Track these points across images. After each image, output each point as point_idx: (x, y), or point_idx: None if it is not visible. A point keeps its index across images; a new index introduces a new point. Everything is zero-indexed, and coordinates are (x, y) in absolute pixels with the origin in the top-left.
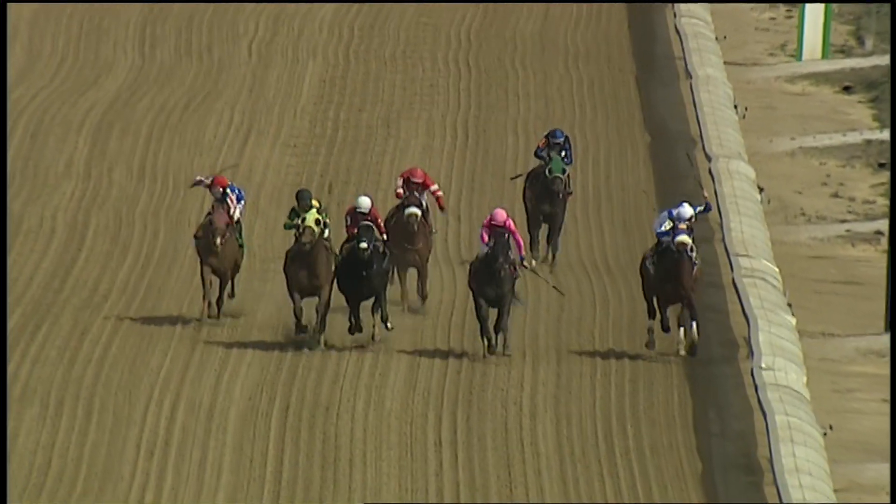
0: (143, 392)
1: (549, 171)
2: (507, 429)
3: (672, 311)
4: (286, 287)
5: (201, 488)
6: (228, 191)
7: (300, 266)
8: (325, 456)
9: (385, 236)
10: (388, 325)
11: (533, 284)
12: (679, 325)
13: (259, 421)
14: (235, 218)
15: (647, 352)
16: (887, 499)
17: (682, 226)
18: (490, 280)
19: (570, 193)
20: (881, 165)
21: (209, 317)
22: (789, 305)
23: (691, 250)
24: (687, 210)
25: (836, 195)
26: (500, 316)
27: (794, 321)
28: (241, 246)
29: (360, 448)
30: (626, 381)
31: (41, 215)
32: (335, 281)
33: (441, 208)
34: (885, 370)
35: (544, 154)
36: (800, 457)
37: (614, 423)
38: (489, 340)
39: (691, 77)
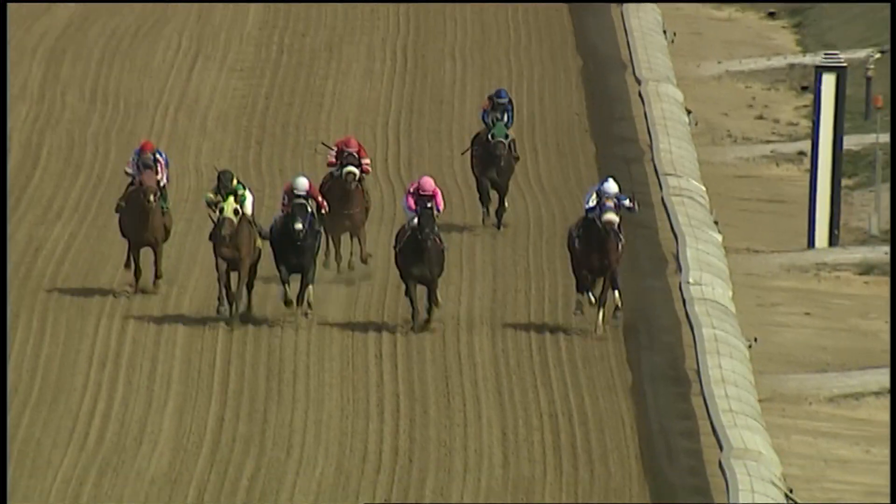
0: (95, 306)
1: (492, 136)
2: (445, 342)
3: (594, 287)
4: (214, 261)
5: (151, 398)
6: (157, 155)
7: (223, 245)
8: (270, 368)
9: (325, 207)
10: (310, 300)
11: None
12: (599, 307)
13: (206, 334)
14: (162, 183)
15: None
16: (808, 408)
17: (609, 202)
18: (418, 257)
19: (517, 159)
20: (804, 88)
21: (136, 290)
22: (716, 223)
23: (618, 228)
24: (612, 185)
25: (760, 117)
26: (430, 293)
27: (720, 238)
28: (164, 212)
29: (304, 360)
30: (559, 295)
31: None
32: (273, 253)
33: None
34: (807, 285)
35: (489, 119)
36: (726, 368)
37: (548, 335)
38: (416, 313)
39: (622, 3)
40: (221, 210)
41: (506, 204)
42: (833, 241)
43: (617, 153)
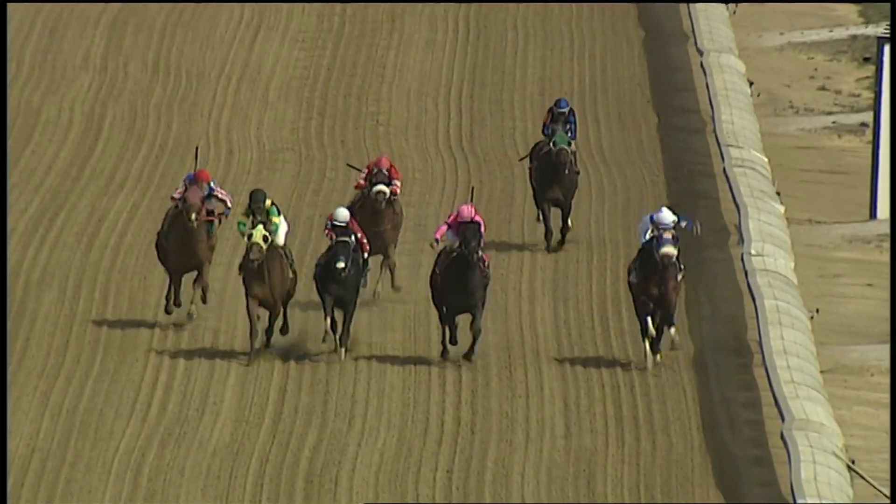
0: (158, 277)
1: (554, 144)
2: (507, 313)
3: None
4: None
5: (213, 369)
6: (213, 183)
7: (253, 278)
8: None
9: (367, 253)
10: (348, 343)
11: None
12: (655, 350)
13: None
14: (229, 205)
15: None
16: (870, 379)
17: (667, 234)
18: (462, 278)
19: (578, 173)
20: (866, 60)
21: (171, 312)
22: (778, 194)
23: (676, 259)
24: (666, 214)
25: (822, 88)
26: (473, 322)
27: (782, 209)
28: (210, 234)
29: (366, 331)
30: (620, 266)
31: (59, 107)
32: (316, 287)
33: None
34: (869, 256)
35: (549, 131)
36: (787, 339)
37: (610, 307)
38: (450, 343)
39: None
40: (250, 237)
41: (570, 223)
42: None
43: (678, 124)
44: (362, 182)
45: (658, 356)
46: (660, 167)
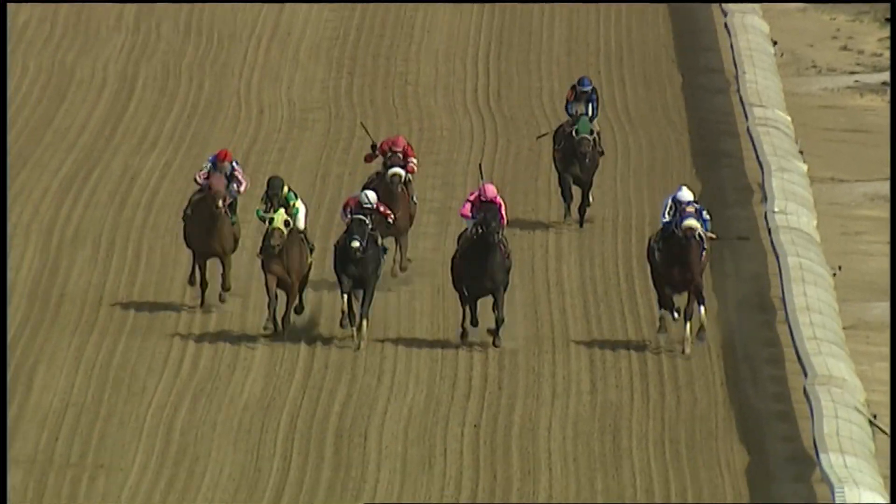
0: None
1: (576, 132)
2: (534, 270)
3: (680, 302)
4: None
5: (244, 325)
6: (234, 164)
7: (273, 263)
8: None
9: (391, 216)
10: (366, 322)
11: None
12: (685, 320)
13: None
14: (243, 188)
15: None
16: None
17: (690, 208)
18: (482, 260)
19: (602, 153)
20: (888, 20)
21: (202, 303)
22: (801, 152)
23: (700, 237)
24: (686, 193)
25: (845, 48)
26: (496, 303)
27: (805, 167)
28: (233, 223)
29: (395, 289)
30: (645, 224)
31: (93, 67)
32: (334, 269)
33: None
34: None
35: (573, 110)
36: (810, 296)
37: (635, 264)
38: (471, 325)
39: None
40: (271, 221)
41: (590, 198)
42: None
43: (703, 84)
44: (370, 156)
45: (689, 333)
46: (684, 126)
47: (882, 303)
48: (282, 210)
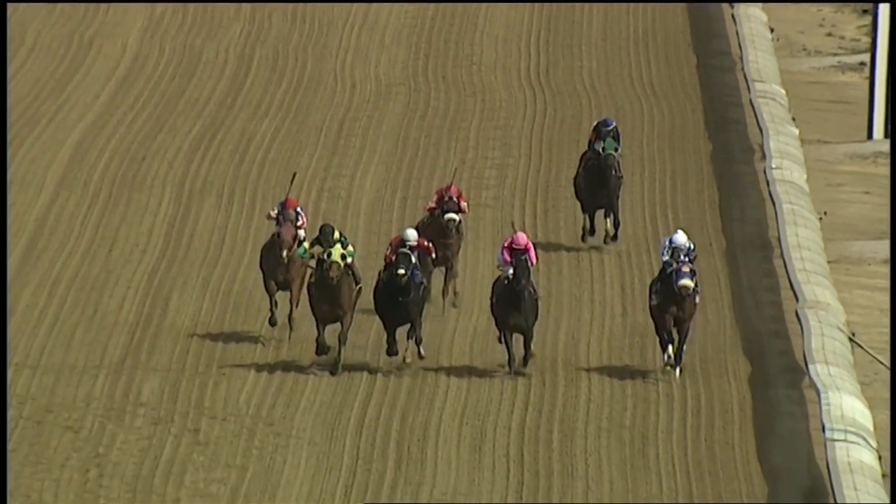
0: (295, 185)
1: (603, 150)
2: (576, 217)
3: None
4: (312, 314)
5: None
6: (299, 210)
7: (324, 295)
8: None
9: (432, 253)
10: (422, 350)
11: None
12: (676, 365)
13: (385, 207)
14: (301, 237)
15: (685, 159)
16: (868, 268)
17: (685, 268)
18: (514, 307)
19: (621, 178)
20: (865, 11)
21: (273, 322)
22: (793, 119)
23: (694, 291)
24: (681, 236)
25: (829, 34)
26: (526, 342)
27: (797, 131)
28: (303, 257)
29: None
30: (667, 177)
31: (216, 49)
32: (374, 306)
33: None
34: (867, 169)
35: (597, 146)
36: (801, 236)
37: (658, 210)
38: (512, 359)
39: None
40: (329, 255)
41: (619, 218)
42: (888, 133)
43: (714, 63)
44: (433, 205)
45: (678, 370)
46: (698, 98)
47: (859, 241)
48: (338, 245)
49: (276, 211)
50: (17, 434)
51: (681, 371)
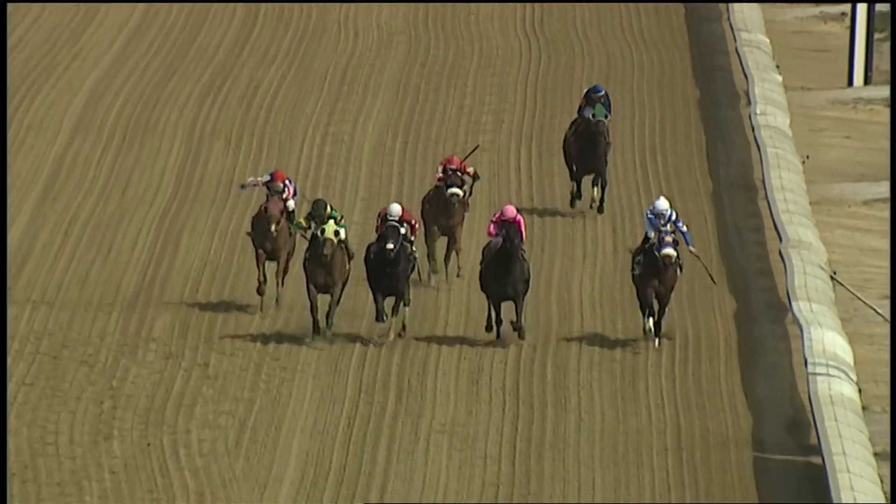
0: (301, 130)
1: (593, 116)
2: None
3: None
4: (305, 284)
5: (343, 201)
6: (287, 183)
7: (317, 267)
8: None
9: (414, 236)
10: (406, 321)
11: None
12: (656, 336)
13: (386, 151)
14: (291, 208)
15: (674, 104)
16: (847, 209)
17: (668, 238)
18: (504, 276)
19: (610, 144)
20: None
21: (261, 305)
22: (777, 67)
23: (676, 260)
24: (663, 202)
25: None
26: (517, 310)
27: (780, 78)
28: (291, 234)
29: None
30: (656, 122)
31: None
32: (367, 276)
33: (477, 177)
34: (847, 115)
35: (587, 112)
36: (784, 178)
37: (647, 153)
38: (499, 328)
39: None
40: (323, 231)
41: (606, 180)
42: (867, 80)
43: (701, 13)
44: (441, 176)
45: (658, 340)
46: (686, 47)
47: (840, 184)
48: (332, 221)
49: (262, 178)
50: (34, 368)
51: (659, 341)
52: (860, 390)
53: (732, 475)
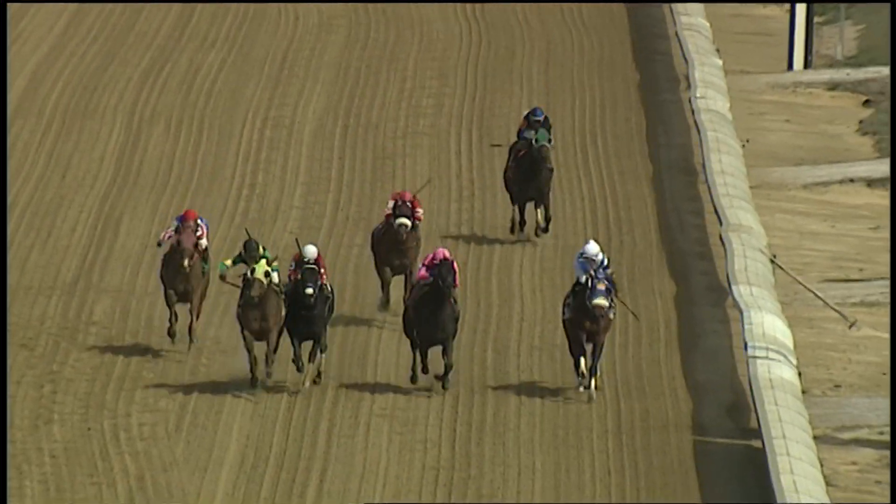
0: (241, 114)
1: (536, 141)
2: (510, 142)
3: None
4: (240, 332)
5: (284, 185)
6: (199, 221)
7: (250, 312)
8: (375, 171)
9: (324, 279)
10: (323, 364)
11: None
12: (590, 375)
13: (326, 135)
14: (204, 246)
15: (614, 88)
16: (788, 192)
17: (601, 285)
18: (433, 318)
19: (552, 169)
20: None
21: (172, 339)
22: (717, 50)
23: (608, 310)
24: (592, 246)
25: None
26: (445, 352)
27: (720, 62)
28: (204, 273)
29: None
30: (596, 105)
31: None
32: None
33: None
34: (787, 98)
35: (527, 135)
36: (724, 162)
37: (588, 136)
38: (422, 372)
39: None
40: (253, 271)
41: (550, 213)
42: (807, 64)
43: None
44: (389, 212)
45: (594, 386)
46: (626, 30)
47: (780, 168)
48: (263, 261)
49: (171, 228)
50: None
51: (596, 388)
52: (800, 374)
53: (672, 458)
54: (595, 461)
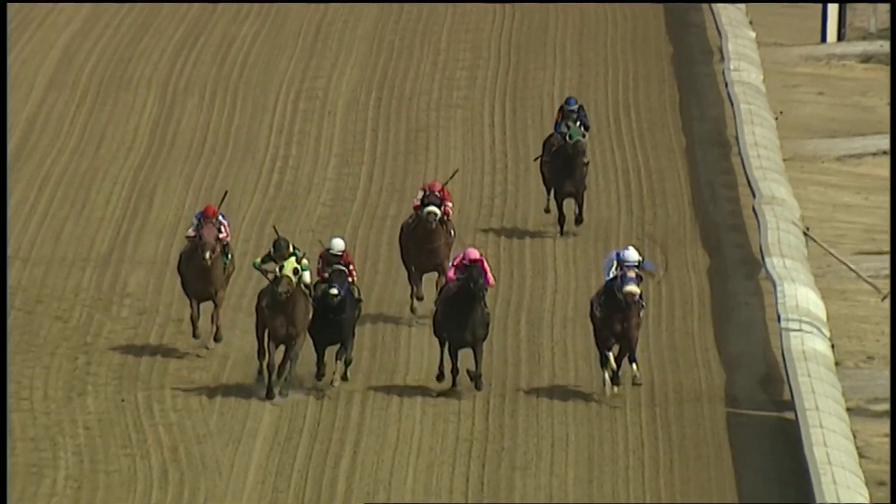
0: (275, 86)
1: (570, 136)
2: (543, 115)
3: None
4: (257, 333)
5: (317, 157)
6: (220, 217)
7: (277, 313)
8: (409, 143)
9: (352, 276)
10: (347, 371)
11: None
12: (613, 384)
13: (360, 107)
14: (225, 241)
15: (647, 60)
16: (821, 165)
17: (631, 273)
18: (463, 320)
19: (587, 163)
20: None
21: (196, 336)
22: (751, 23)
23: (640, 298)
24: (633, 253)
25: None
26: (476, 357)
27: (753, 34)
28: (225, 267)
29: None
30: (629, 78)
31: None
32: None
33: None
34: (820, 71)
35: (562, 128)
36: (758, 134)
37: (621, 110)
38: (455, 377)
39: None
40: (281, 268)
41: (583, 212)
42: (841, 37)
43: None
44: (418, 203)
45: (616, 388)
46: (660, 3)
47: (813, 140)
48: (292, 259)
49: (193, 227)
50: (9, 323)
51: (616, 388)
52: (833, 346)
53: (705, 430)
54: (629, 433)
